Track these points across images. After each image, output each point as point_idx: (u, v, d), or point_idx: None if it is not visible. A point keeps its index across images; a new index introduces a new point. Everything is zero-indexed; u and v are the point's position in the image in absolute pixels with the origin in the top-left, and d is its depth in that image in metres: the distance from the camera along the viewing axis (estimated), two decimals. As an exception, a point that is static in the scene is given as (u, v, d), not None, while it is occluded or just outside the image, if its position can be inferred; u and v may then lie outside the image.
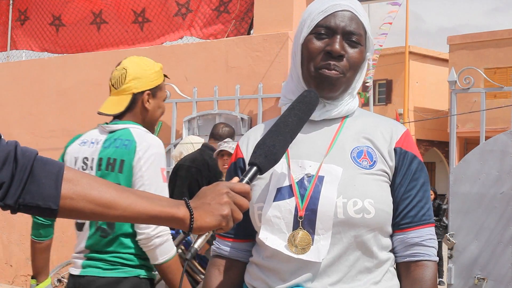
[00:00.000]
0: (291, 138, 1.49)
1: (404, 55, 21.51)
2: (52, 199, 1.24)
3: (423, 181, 1.62)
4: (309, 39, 1.61)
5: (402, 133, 1.64)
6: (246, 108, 6.14)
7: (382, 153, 1.60)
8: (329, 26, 1.59)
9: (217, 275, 1.71)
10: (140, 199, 1.30)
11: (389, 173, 1.60)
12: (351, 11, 1.60)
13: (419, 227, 1.59)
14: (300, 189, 1.55)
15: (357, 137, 1.62)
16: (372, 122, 1.66)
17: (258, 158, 1.45)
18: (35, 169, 1.24)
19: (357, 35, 1.60)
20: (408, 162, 1.61)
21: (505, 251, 4.89)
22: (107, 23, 7.48)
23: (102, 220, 1.31)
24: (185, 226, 1.32)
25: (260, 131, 1.73)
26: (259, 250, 1.63)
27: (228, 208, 1.34)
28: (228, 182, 1.39)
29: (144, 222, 1.33)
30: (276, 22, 6.03)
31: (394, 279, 1.61)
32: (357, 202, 1.52)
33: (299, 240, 1.52)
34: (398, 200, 1.60)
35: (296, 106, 1.53)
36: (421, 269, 1.58)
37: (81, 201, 1.26)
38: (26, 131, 7.51)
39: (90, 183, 1.28)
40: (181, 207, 1.33)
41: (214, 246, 1.75)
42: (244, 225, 1.66)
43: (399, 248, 1.61)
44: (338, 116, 1.64)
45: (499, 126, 16.64)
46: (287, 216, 1.54)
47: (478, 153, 5.06)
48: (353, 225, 1.52)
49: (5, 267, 7.70)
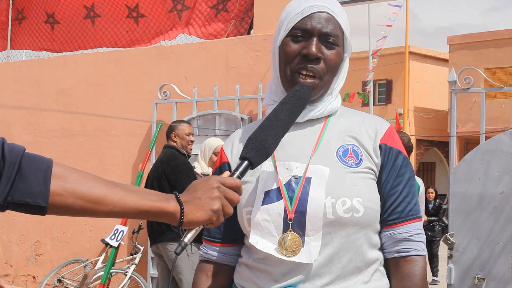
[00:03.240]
0: (283, 133, 1.48)
1: (404, 55, 21.50)
2: (41, 196, 1.21)
3: (408, 176, 1.62)
4: (286, 42, 1.61)
5: (386, 129, 1.64)
6: (246, 108, 6.13)
7: (367, 150, 1.60)
8: (305, 28, 1.58)
9: (205, 280, 1.70)
10: (130, 194, 1.29)
11: (375, 170, 1.60)
12: (328, 12, 1.59)
13: (406, 222, 1.59)
14: (288, 191, 1.55)
15: (342, 135, 1.62)
16: (355, 119, 1.66)
17: (249, 153, 1.42)
18: (23, 166, 1.22)
19: (334, 36, 1.59)
20: (393, 158, 1.61)
21: (504, 251, 4.89)
22: (100, 17, 7.47)
23: (92, 216, 1.29)
24: (175, 220, 1.31)
25: (243, 133, 1.72)
26: (249, 252, 1.62)
27: (219, 203, 1.32)
28: (219, 177, 1.37)
29: (134, 217, 1.32)
30: (276, 22, 5.99)
31: (383, 279, 1.61)
32: (345, 201, 1.52)
33: (289, 243, 1.52)
34: (385, 197, 1.60)
35: (288, 101, 1.52)
36: (410, 264, 1.58)
37: (71, 198, 1.24)
38: (26, 131, 7.51)
39: (79, 179, 1.26)
40: (171, 201, 1.32)
41: (201, 251, 1.74)
42: (232, 229, 1.66)
43: (388, 244, 1.61)
44: (321, 116, 1.64)
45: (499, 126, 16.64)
46: (277, 219, 1.54)
47: (478, 153, 5.06)
48: (343, 225, 1.52)
49: (5, 267, 7.70)
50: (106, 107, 7.05)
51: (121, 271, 6.24)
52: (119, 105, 6.97)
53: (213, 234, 1.71)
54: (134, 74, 6.89)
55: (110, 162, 6.95)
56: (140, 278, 6.19)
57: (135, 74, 6.89)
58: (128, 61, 6.97)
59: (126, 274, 6.16)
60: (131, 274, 6.15)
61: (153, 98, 6.55)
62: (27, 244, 7.50)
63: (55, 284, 6.73)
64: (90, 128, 7.13)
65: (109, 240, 6.11)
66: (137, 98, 6.82)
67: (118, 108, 6.96)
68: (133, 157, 6.78)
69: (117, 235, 6.12)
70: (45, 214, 1.24)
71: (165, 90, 6.41)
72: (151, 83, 6.70)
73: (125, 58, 7.01)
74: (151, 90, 6.65)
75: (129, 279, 6.14)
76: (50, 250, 7.34)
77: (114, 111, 7.00)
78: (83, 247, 7.07)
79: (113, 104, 7.01)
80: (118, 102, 6.98)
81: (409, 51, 22.39)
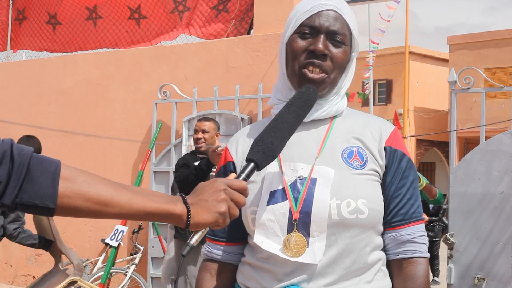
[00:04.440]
0: (289, 135, 1.49)
1: (404, 55, 21.49)
2: (49, 198, 1.22)
3: (412, 178, 1.64)
4: (293, 39, 1.62)
5: (391, 131, 1.65)
6: (246, 108, 6.13)
7: (372, 152, 1.61)
8: (313, 25, 1.59)
9: (208, 278, 1.71)
10: (137, 196, 1.30)
11: (379, 172, 1.61)
12: (336, 11, 1.60)
13: (410, 224, 1.61)
14: (293, 192, 1.55)
15: (347, 137, 1.62)
16: (360, 121, 1.67)
17: (256, 155, 1.43)
18: (31, 168, 1.22)
19: (341, 34, 1.60)
20: (398, 160, 1.62)
21: (504, 251, 4.89)
22: (103, 18, 7.48)
23: (99, 217, 1.30)
24: (182, 222, 1.32)
25: (248, 133, 1.73)
26: (253, 251, 1.63)
27: (225, 205, 1.33)
28: (225, 179, 1.37)
29: (141, 219, 1.33)
30: (276, 22, 6.03)
31: (386, 279, 1.61)
32: (350, 203, 1.52)
33: (293, 243, 1.52)
34: (389, 199, 1.61)
35: (294, 103, 1.52)
36: (413, 265, 1.59)
37: (79, 199, 1.25)
38: (26, 131, 7.51)
39: (87, 180, 1.27)
40: (178, 204, 1.32)
41: (205, 250, 1.74)
42: (237, 229, 1.67)
43: (391, 246, 1.62)
44: (327, 116, 1.64)
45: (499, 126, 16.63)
46: (282, 219, 1.54)
47: (478, 153, 5.06)
48: (348, 226, 1.53)
49: (5, 267, 7.70)
50: (106, 107, 7.05)
51: (121, 271, 6.24)
52: (119, 105, 6.97)
53: (217, 233, 1.71)
54: (134, 74, 6.89)
55: (110, 162, 6.95)
56: (140, 278, 6.19)
57: (135, 74, 6.89)
58: (128, 61, 6.97)
59: (126, 274, 6.16)
60: (131, 274, 6.15)
61: (153, 98, 6.55)
62: (27, 244, 7.50)
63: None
64: (90, 128, 7.13)
65: (109, 240, 6.11)
66: (137, 98, 6.83)
67: (118, 108, 6.97)
68: (133, 157, 6.78)
69: (117, 235, 6.12)
70: (53, 215, 1.25)
71: (165, 90, 6.41)
72: (151, 83, 6.70)
73: (125, 58, 7.01)
74: (151, 90, 6.65)
75: (129, 279, 6.14)
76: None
77: (114, 111, 7.00)
78: (83, 247, 7.07)
79: (113, 104, 7.01)
80: (118, 102, 6.98)
81: (409, 51, 22.38)
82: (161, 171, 6.40)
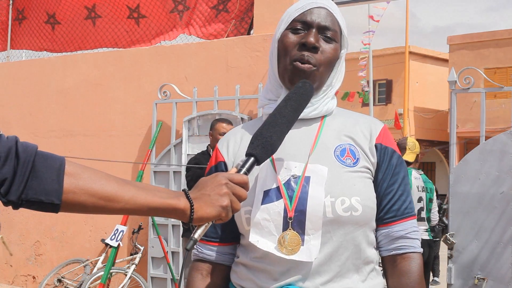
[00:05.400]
0: (287, 129, 1.51)
1: (404, 55, 21.50)
2: (54, 194, 1.24)
3: (403, 175, 1.66)
4: (285, 34, 1.65)
5: (381, 129, 1.67)
6: (246, 108, 6.14)
7: (363, 150, 1.63)
8: (305, 20, 1.63)
9: (200, 279, 1.71)
10: (141, 191, 1.32)
11: (371, 169, 1.63)
12: (327, 8, 1.64)
13: (402, 220, 1.63)
14: (287, 190, 1.56)
15: (339, 135, 1.64)
16: (350, 120, 1.69)
17: (255, 149, 1.45)
18: (36, 164, 1.24)
19: (332, 31, 1.63)
20: (388, 157, 1.64)
21: (505, 251, 4.89)
22: (101, 17, 7.48)
23: (104, 213, 1.32)
24: (185, 217, 1.34)
25: (239, 133, 1.73)
26: (246, 251, 1.63)
27: (227, 199, 1.35)
28: (226, 173, 1.40)
29: (145, 214, 1.35)
30: (276, 22, 6.02)
31: (379, 277, 1.63)
32: (344, 200, 1.54)
33: (288, 241, 1.53)
34: (381, 195, 1.63)
35: (292, 97, 1.54)
36: (407, 261, 1.61)
37: (83, 195, 1.26)
38: (26, 131, 7.51)
39: (91, 176, 1.29)
40: (181, 198, 1.34)
41: (196, 250, 1.74)
42: (230, 229, 1.67)
43: (384, 242, 1.64)
44: (317, 115, 1.66)
45: (499, 126, 16.64)
46: (276, 218, 1.55)
47: (478, 153, 5.06)
48: (342, 223, 1.54)
49: (5, 267, 7.70)
50: (106, 107, 7.05)
51: (121, 271, 6.24)
52: (119, 105, 6.97)
53: (208, 234, 1.71)
54: (134, 74, 6.89)
55: (110, 162, 6.94)
56: (140, 278, 6.19)
57: (135, 74, 6.89)
58: (128, 61, 6.97)
59: (126, 274, 6.16)
60: (131, 274, 6.15)
61: (153, 98, 6.55)
62: (27, 244, 7.50)
63: (55, 284, 6.73)
64: (90, 128, 7.13)
65: (109, 241, 6.11)
66: (137, 98, 6.83)
67: (118, 108, 6.97)
68: (133, 157, 6.78)
69: (117, 235, 6.12)
70: (58, 211, 1.27)
71: (165, 90, 6.41)
72: (151, 83, 6.70)
73: (125, 58, 7.01)
74: (151, 90, 6.66)
75: (129, 279, 6.14)
76: (50, 250, 7.34)
77: (114, 111, 7.00)
78: (83, 247, 7.07)
79: (113, 104, 7.01)
80: (118, 102, 6.98)
81: (409, 51, 22.39)
82: (161, 171, 6.40)
